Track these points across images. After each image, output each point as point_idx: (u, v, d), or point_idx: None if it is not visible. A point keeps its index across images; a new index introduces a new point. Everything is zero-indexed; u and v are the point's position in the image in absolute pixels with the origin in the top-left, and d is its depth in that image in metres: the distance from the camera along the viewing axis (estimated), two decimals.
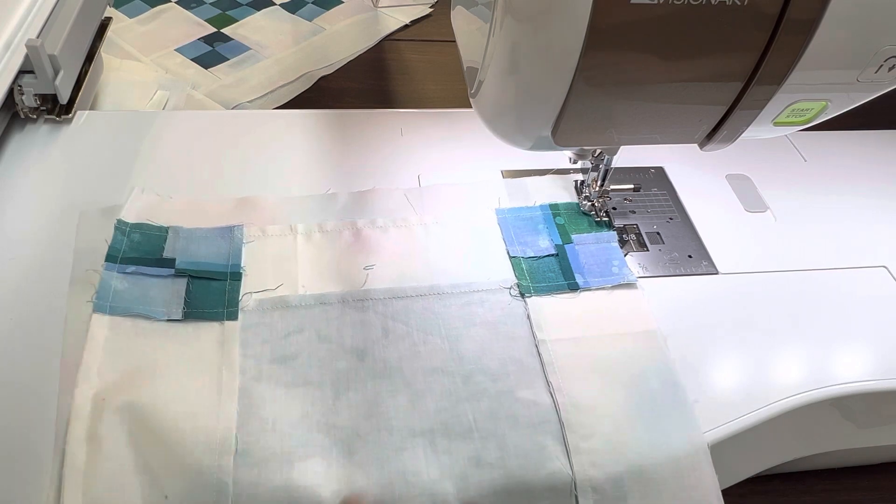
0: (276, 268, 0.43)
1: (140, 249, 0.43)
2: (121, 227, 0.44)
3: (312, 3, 0.81)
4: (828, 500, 0.46)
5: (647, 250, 0.48)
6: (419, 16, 0.81)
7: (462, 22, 0.41)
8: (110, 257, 0.42)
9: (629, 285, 0.45)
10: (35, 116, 0.53)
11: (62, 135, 0.52)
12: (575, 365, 0.40)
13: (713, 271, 0.47)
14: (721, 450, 0.39)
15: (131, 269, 0.42)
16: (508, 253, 0.46)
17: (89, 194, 0.47)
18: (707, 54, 0.31)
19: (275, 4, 0.80)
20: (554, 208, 0.49)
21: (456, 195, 0.49)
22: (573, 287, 0.44)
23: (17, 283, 0.42)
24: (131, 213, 0.45)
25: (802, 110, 0.36)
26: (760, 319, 0.44)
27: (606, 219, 0.49)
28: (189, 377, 0.38)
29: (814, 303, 0.46)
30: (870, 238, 0.50)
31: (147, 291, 0.41)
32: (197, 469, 0.34)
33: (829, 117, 0.37)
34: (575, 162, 0.48)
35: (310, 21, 0.78)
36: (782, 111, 0.35)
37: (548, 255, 0.46)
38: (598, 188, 0.48)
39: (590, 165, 0.47)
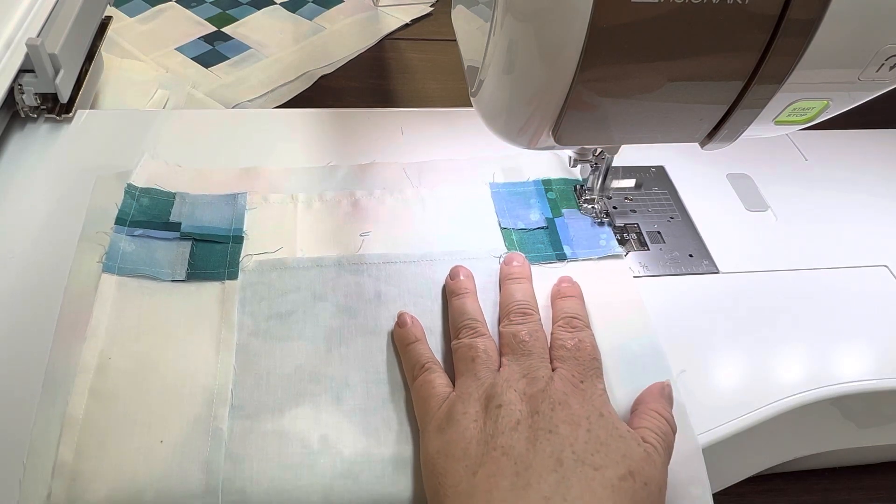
0: (277, 233, 0.46)
1: (148, 213, 0.45)
2: (130, 191, 0.46)
3: (313, 2, 0.81)
4: (828, 499, 0.46)
5: (648, 249, 0.48)
6: (419, 15, 0.81)
7: (463, 21, 0.41)
8: (120, 220, 0.44)
9: (615, 257, 0.46)
10: (35, 115, 0.53)
11: (62, 134, 0.52)
12: None
13: (714, 270, 0.47)
14: (721, 449, 0.39)
15: (139, 232, 0.44)
16: (500, 225, 0.47)
17: (90, 193, 0.47)
18: (708, 53, 0.31)
19: (275, 3, 0.80)
20: (546, 183, 0.50)
21: (452, 170, 0.51)
22: (561, 258, 0.46)
23: (16, 282, 0.42)
24: (141, 178, 0.47)
25: (803, 109, 0.36)
26: (761, 319, 0.44)
27: (607, 219, 0.49)
28: (190, 334, 0.40)
29: (814, 302, 0.46)
30: (871, 237, 0.50)
31: (153, 253, 0.43)
32: (193, 418, 0.36)
33: (829, 116, 0.37)
34: (576, 162, 0.48)
35: (310, 20, 0.78)
36: (783, 110, 0.35)
37: (538, 228, 0.47)
38: (598, 187, 0.48)
39: (590, 164, 0.47)
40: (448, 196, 0.49)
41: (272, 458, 0.35)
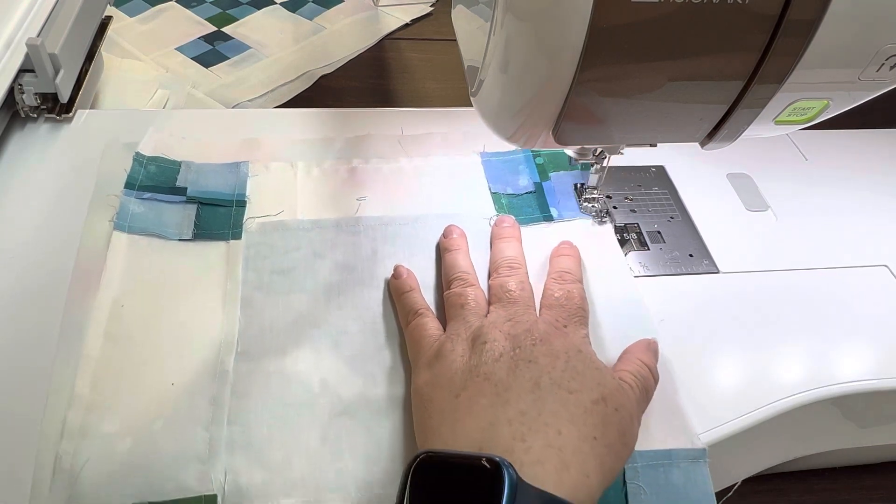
0: (277, 197, 0.48)
1: (155, 179, 0.48)
2: (139, 158, 0.49)
3: (313, 1, 0.81)
4: (828, 499, 0.46)
5: (648, 249, 0.48)
6: (420, 14, 0.81)
7: (463, 21, 0.41)
8: (129, 184, 0.47)
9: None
10: (35, 115, 0.53)
11: (63, 134, 0.52)
12: (542, 283, 0.43)
13: (714, 270, 0.47)
14: (721, 449, 0.39)
15: (147, 195, 0.47)
16: (490, 190, 0.50)
17: (90, 193, 0.47)
18: (708, 53, 0.31)
19: (275, 3, 0.80)
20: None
21: (444, 142, 0.53)
22: (548, 219, 0.48)
23: (16, 281, 0.42)
24: (147, 148, 0.49)
25: (804, 109, 0.36)
26: (761, 318, 0.44)
27: (607, 218, 0.49)
28: (198, 288, 0.42)
29: (814, 302, 0.46)
30: (870, 237, 0.50)
31: (161, 215, 0.46)
32: (202, 363, 0.39)
33: (830, 116, 0.37)
34: (576, 161, 0.48)
35: (310, 20, 0.78)
36: (783, 110, 0.35)
37: (527, 192, 0.50)
38: (599, 186, 0.48)
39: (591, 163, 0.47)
40: (441, 165, 0.52)
41: (275, 396, 0.38)
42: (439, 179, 0.51)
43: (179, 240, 0.45)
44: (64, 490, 0.33)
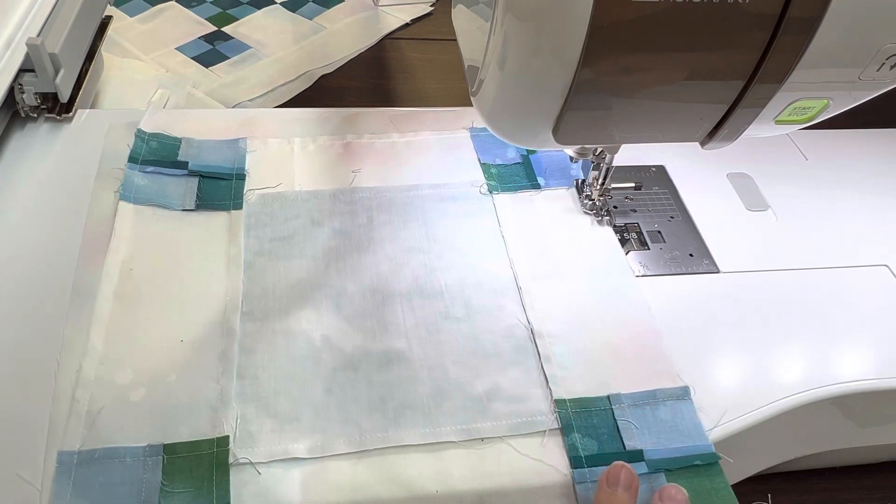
0: (276, 171, 0.50)
1: (157, 154, 0.50)
2: (140, 135, 0.51)
3: (313, 1, 0.81)
4: (829, 498, 0.46)
5: (648, 249, 0.48)
6: (420, 14, 0.81)
7: (463, 20, 0.41)
8: (132, 159, 0.49)
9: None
10: (36, 115, 0.53)
11: (63, 133, 0.52)
12: (531, 244, 0.47)
13: (714, 270, 0.47)
14: (722, 449, 0.39)
15: (150, 169, 0.49)
16: (480, 161, 0.52)
17: (89, 193, 0.47)
18: (708, 52, 0.31)
19: (275, 3, 0.80)
20: None
21: (435, 119, 0.56)
22: (535, 187, 0.51)
23: (18, 283, 0.42)
24: (149, 126, 0.52)
25: (804, 109, 0.36)
26: (761, 318, 0.44)
27: (607, 217, 0.49)
28: (202, 253, 0.45)
29: (815, 302, 0.45)
30: (871, 237, 0.50)
31: (164, 187, 0.48)
32: (209, 322, 0.41)
33: (830, 116, 0.37)
34: (576, 161, 0.48)
35: (310, 20, 0.78)
36: (784, 109, 0.35)
37: (515, 164, 0.52)
38: (599, 186, 0.48)
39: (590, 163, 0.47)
40: (431, 140, 0.54)
41: (280, 351, 0.40)
42: (430, 152, 0.53)
43: (183, 210, 0.47)
44: (79, 433, 0.35)
